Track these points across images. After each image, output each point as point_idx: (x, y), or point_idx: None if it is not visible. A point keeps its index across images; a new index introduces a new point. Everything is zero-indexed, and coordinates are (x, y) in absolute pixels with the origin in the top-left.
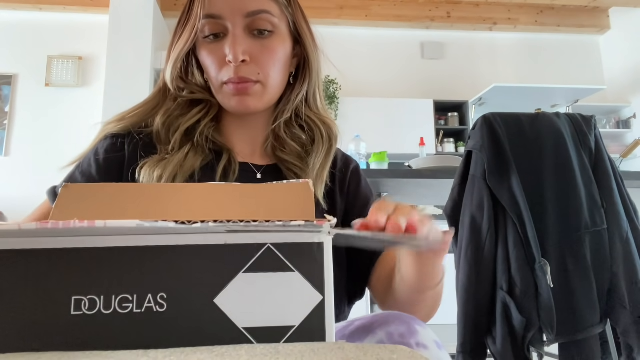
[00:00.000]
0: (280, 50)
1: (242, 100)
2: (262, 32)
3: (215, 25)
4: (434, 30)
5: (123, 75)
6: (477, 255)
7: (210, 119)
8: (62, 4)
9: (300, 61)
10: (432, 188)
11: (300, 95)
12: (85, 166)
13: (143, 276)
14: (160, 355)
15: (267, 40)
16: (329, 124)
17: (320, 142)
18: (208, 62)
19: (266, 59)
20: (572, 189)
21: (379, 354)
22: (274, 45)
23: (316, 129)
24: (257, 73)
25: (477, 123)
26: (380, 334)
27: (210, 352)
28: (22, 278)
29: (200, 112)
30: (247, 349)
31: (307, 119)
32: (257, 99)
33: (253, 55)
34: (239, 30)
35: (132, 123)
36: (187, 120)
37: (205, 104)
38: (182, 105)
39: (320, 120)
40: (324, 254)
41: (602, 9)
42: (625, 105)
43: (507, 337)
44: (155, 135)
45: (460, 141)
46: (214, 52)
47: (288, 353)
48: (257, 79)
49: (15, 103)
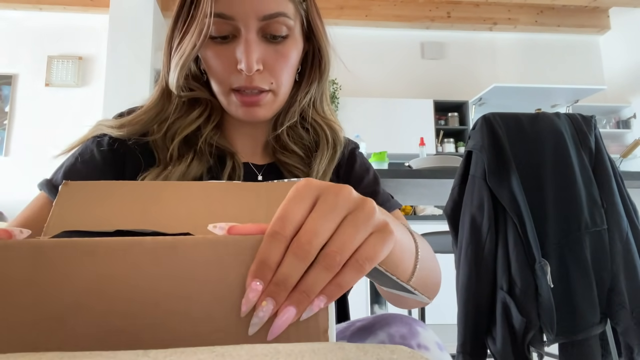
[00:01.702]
0: (294, 55)
1: (251, 112)
2: (277, 37)
3: (225, 26)
4: (434, 30)
5: (123, 75)
6: (477, 255)
7: (213, 125)
8: (62, 4)
9: (308, 57)
10: (432, 188)
11: (308, 96)
12: (87, 156)
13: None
14: (160, 355)
15: (281, 46)
16: (335, 129)
17: (325, 148)
18: (214, 64)
19: (280, 66)
20: (572, 189)
21: (379, 353)
22: (288, 50)
23: (322, 133)
24: (270, 82)
25: (477, 123)
26: (381, 335)
27: (210, 352)
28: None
29: (200, 115)
30: (247, 349)
31: (313, 122)
32: (267, 108)
33: (267, 63)
34: (252, 35)
35: (134, 132)
36: (187, 126)
37: (206, 106)
38: (179, 107)
39: (327, 125)
40: None
41: (602, 9)
42: (625, 105)
43: (507, 337)
44: (152, 142)
45: (460, 141)
46: (223, 56)
47: (288, 353)
48: (269, 88)
49: (15, 103)
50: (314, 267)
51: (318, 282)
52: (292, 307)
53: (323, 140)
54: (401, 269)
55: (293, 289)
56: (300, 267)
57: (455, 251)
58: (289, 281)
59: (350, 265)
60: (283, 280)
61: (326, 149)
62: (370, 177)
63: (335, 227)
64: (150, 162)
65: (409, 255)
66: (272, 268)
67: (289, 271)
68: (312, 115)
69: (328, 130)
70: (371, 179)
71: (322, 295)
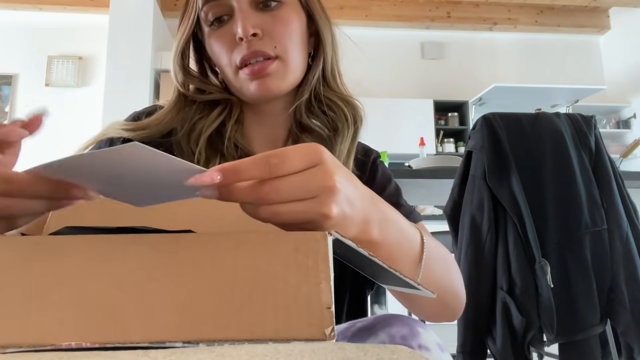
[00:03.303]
0: (294, 20)
1: (263, 83)
2: (269, 3)
3: (219, 8)
4: (433, 30)
5: (123, 75)
6: (477, 255)
7: (234, 120)
8: (62, 4)
9: (317, 41)
10: (432, 188)
11: (316, 74)
12: None
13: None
14: (160, 355)
15: (277, 11)
16: (353, 104)
17: (345, 126)
18: (217, 49)
19: (280, 29)
20: (572, 189)
21: (379, 353)
22: (285, 15)
23: (339, 111)
24: (274, 46)
25: (477, 123)
26: (382, 336)
27: (210, 352)
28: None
29: (221, 113)
30: (247, 349)
31: (328, 101)
32: (279, 78)
33: (265, 28)
34: (244, 5)
35: (157, 132)
36: (209, 126)
37: (225, 104)
38: (200, 109)
39: (343, 100)
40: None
41: (602, 9)
42: (625, 105)
43: (507, 337)
44: (175, 145)
45: (460, 141)
46: (222, 36)
47: (288, 353)
48: (274, 53)
49: (15, 103)
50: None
51: (240, 195)
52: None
53: (342, 119)
54: (399, 260)
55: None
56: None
57: (455, 251)
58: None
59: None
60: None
61: (347, 127)
62: (392, 188)
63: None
64: None
65: (406, 245)
66: (239, 178)
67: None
68: (325, 93)
69: (345, 106)
70: (393, 189)
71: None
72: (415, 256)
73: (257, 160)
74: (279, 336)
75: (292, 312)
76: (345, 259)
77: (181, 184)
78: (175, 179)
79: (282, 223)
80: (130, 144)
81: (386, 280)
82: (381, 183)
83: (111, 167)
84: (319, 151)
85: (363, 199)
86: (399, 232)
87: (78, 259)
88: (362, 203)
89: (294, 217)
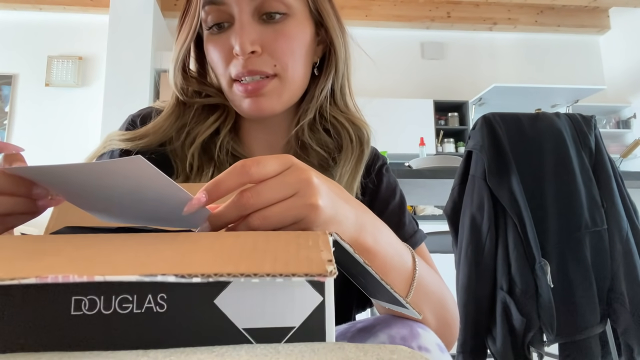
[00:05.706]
0: (298, 35)
1: (256, 102)
2: (273, 15)
3: (219, 13)
4: (434, 30)
5: (123, 75)
6: (477, 255)
7: (228, 129)
8: (62, 4)
9: (325, 49)
10: (432, 188)
11: (324, 90)
12: None
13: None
14: (160, 355)
15: (280, 25)
16: (358, 125)
17: (349, 148)
18: (214, 57)
19: (282, 46)
20: (572, 189)
21: (379, 353)
22: (289, 29)
23: (344, 132)
24: (273, 65)
25: (477, 123)
26: (382, 336)
27: (210, 352)
28: None
29: (217, 120)
30: (247, 349)
31: (333, 120)
32: (275, 98)
33: (265, 44)
34: (245, 16)
35: (155, 141)
36: (204, 132)
37: (222, 110)
38: (197, 113)
39: (349, 121)
40: None
41: (602, 9)
42: (625, 105)
43: (507, 337)
44: (171, 153)
45: (460, 141)
46: (219, 45)
47: (288, 353)
48: (273, 71)
49: (15, 103)
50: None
51: (228, 214)
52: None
53: (346, 140)
54: (391, 275)
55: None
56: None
57: (455, 251)
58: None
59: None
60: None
61: (350, 150)
62: (396, 202)
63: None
64: (167, 172)
65: (398, 260)
66: (222, 190)
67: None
68: (331, 112)
69: (350, 127)
70: (397, 204)
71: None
72: (407, 274)
73: (234, 169)
74: (276, 271)
75: (291, 264)
76: (341, 266)
77: (175, 212)
78: (169, 205)
79: (275, 226)
80: (134, 158)
81: (376, 294)
82: (385, 197)
83: (106, 180)
84: (289, 157)
85: (349, 200)
86: (390, 247)
87: (77, 257)
88: (348, 202)
89: (284, 216)
